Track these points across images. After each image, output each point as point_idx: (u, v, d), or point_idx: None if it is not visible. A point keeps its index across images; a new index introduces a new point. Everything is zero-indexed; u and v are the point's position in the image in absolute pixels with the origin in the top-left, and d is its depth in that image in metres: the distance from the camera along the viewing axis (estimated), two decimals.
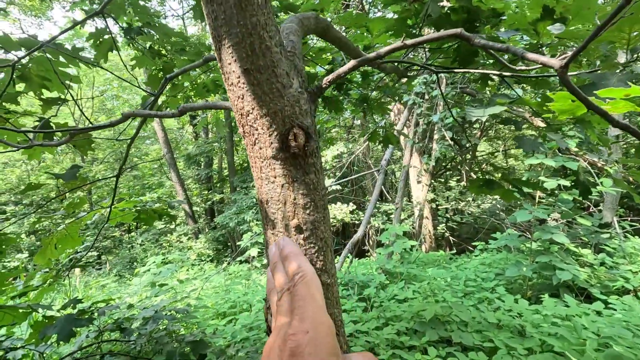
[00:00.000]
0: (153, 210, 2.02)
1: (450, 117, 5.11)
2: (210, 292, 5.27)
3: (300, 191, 0.52)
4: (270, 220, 0.53)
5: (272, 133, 0.52)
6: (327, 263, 0.53)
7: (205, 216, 15.57)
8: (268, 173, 0.52)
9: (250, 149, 0.54)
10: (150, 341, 2.17)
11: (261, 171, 0.53)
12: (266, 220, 0.54)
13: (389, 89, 2.02)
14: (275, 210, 0.52)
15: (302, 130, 0.52)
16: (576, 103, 0.63)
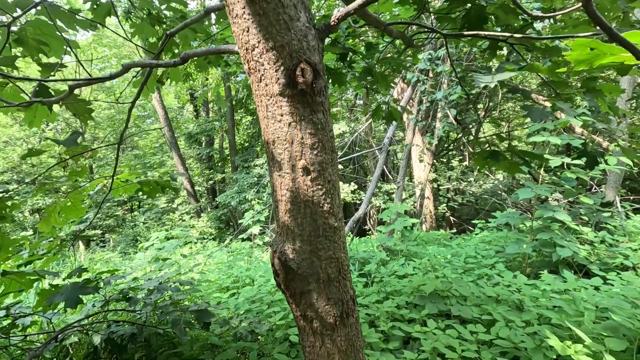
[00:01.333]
0: (156, 182, 2.01)
1: (454, 95, 5.02)
2: (213, 267, 5.35)
3: (308, 130, 0.51)
4: (276, 162, 0.52)
5: (278, 68, 0.50)
6: (335, 206, 0.52)
7: (207, 195, 15.64)
8: (274, 111, 0.50)
9: (256, 86, 0.53)
10: (155, 310, 2.21)
11: (267, 110, 0.51)
12: (272, 162, 0.53)
13: (394, 60, 1.96)
14: (282, 150, 0.51)
15: (310, 66, 0.50)
16: (595, 52, 0.60)
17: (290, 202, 0.57)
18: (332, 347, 0.54)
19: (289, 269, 0.55)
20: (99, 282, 2.08)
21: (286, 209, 0.57)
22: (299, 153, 0.52)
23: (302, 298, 0.55)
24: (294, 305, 0.56)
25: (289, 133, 0.51)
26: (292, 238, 0.57)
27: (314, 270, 0.56)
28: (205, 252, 6.02)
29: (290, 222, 0.57)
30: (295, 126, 0.51)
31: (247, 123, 14.89)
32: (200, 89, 15.87)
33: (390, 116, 2.90)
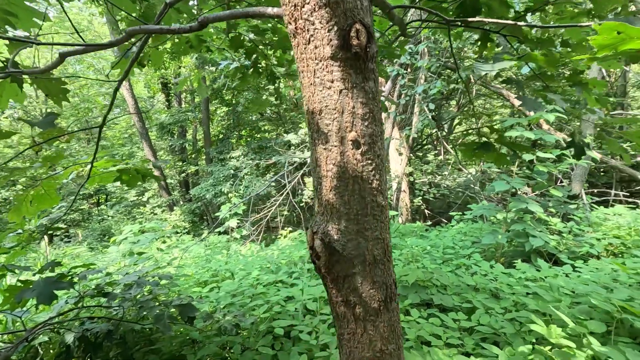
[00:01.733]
0: (136, 169, 1.90)
1: (434, 89, 5.10)
2: (189, 262, 5.20)
3: (360, 99, 0.47)
4: (322, 134, 0.48)
5: (331, 28, 0.45)
6: (382, 183, 0.50)
7: (180, 188, 15.18)
8: (323, 77, 0.46)
9: (302, 49, 0.48)
10: (135, 306, 2.11)
11: (314, 75, 0.47)
12: (317, 134, 0.49)
13: (386, 49, 1.95)
14: (330, 121, 0.47)
15: (365, 28, 0.46)
16: (621, 36, 0.60)
17: (337, 178, 0.52)
18: (374, 333, 0.51)
19: (333, 251, 0.51)
20: (74, 276, 1.96)
21: (332, 185, 0.52)
22: (349, 124, 0.48)
23: (346, 282, 0.51)
24: (335, 290, 0.52)
25: (340, 101, 0.47)
26: (337, 217, 0.52)
27: (359, 251, 0.53)
28: (182, 246, 5.85)
29: (335, 200, 0.52)
30: (347, 94, 0.47)
31: (222, 114, 14.53)
32: (172, 79, 15.29)
33: None
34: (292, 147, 11.06)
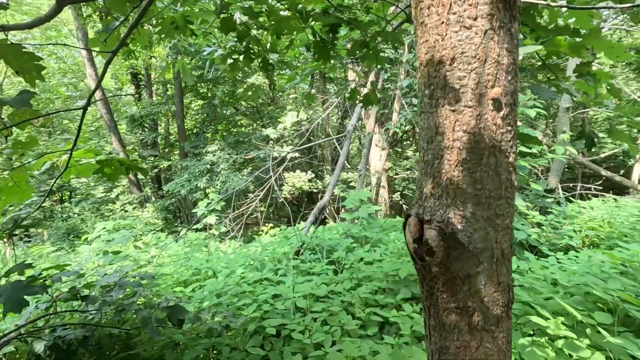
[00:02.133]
0: (120, 161, 1.73)
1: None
2: (167, 260, 4.95)
3: (505, 44, 0.37)
4: (451, 91, 0.38)
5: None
6: (516, 155, 0.41)
7: (152, 184, 14.58)
8: (463, 13, 0.36)
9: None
10: (117, 309, 1.93)
11: (450, 10, 0.37)
12: (443, 92, 0.38)
13: (391, 34, 1.87)
14: (466, 73, 0.37)
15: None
16: None
17: (467, 149, 0.42)
18: (492, 346, 0.42)
19: (456, 244, 0.42)
20: (46, 279, 1.76)
21: (458, 159, 0.42)
22: (491, 77, 0.38)
23: (465, 284, 0.42)
24: (448, 294, 0.42)
25: (482, 47, 0.37)
26: (463, 201, 0.41)
27: (487, 244, 0.42)
28: (158, 244, 5.56)
29: (462, 178, 0.42)
30: (492, 37, 0.37)
31: (196, 107, 14.06)
32: (142, 69, 14.60)
33: (368, 100, 2.82)
34: (271, 142, 10.85)
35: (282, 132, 10.55)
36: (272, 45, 2.29)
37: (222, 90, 10.86)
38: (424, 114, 0.43)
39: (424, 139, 0.43)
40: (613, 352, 1.52)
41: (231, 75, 11.17)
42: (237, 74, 11.43)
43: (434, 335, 0.44)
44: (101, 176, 1.78)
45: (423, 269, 0.43)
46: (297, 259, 4.29)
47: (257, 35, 2.24)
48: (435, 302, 0.42)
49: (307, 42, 2.20)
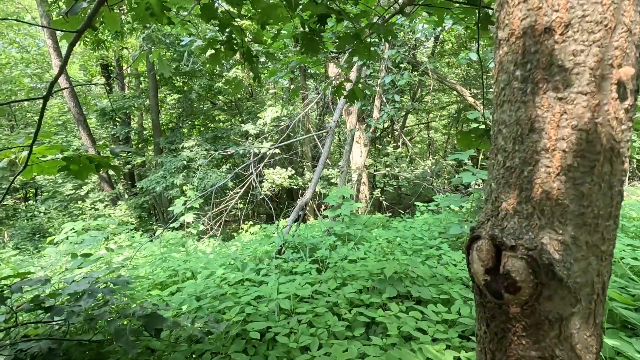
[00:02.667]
0: (89, 158, 1.57)
1: (402, 80, 5.09)
2: (142, 261, 4.72)
3: (638, 7, 0.28)
4: (560, 70, 0.28)
5: None
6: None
7: (125, 181, 14.00)
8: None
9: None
10: (86, 320, 1.77)
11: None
12: (547, 72, 0.29)
13: (382, 27, 1.79)
14: (586, 45, 0.27)
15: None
16: None
17: (575, 153, 0.31)
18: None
19: (550, 279, 0.32)
20: (4, 290, 1.59)
21: (562, 166, 0.32)
22: (620, 52, 0.29)
23: (555, 328, 0.31)
24: (529, 340, 0.32)
25: (614, 7, 0.28)
26: (563, 222, 0.32)
27: (588, 278, 0.34)
28: (133, 244, 5.30)
29: (563, 192, 0.32)
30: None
31: (172, 102, 13.59)
32: (113, 61, 13.96)
33: (353, 95, 2.75)
34: (251, 138, 10.63)
35: (262, 127, 10.35)
36: (257, 36, 2.17)
37: (199, 84, 10.51)
38: (510, 104, 0.33)
39: (509, 137, 0.34)
40: (603, 351, 1.52)
41: (209, 69, 10.83)
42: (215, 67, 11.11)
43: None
44: (67, 174, 1.62)
45: (498, 308, 0.34)
46: (279, 258, 4.18)
47: (241, 24, 2.11)
48: (507, 347, 0.34)
49: (294, 33, 2.10)
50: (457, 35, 9.99)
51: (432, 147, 16.62)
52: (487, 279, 0.33)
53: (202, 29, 3.22)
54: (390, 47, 6.85)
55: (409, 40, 6.99)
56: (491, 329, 0.35)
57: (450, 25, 5.54)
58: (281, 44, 2.99)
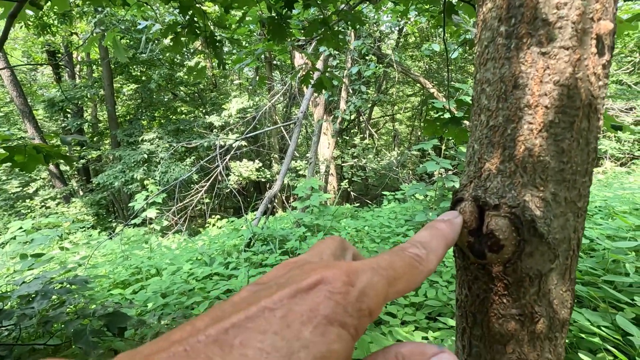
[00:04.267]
0: (36, 147, 1.45)
1: (368, 71, 5.14)
2: (101, 260, 4.46)
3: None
4: (544, 24, 0.28)
5: None
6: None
7: (79, 176, 13.14)
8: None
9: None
10: (41, 323, 1.65)
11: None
12: (531, 27, 0.28)
13: (350, 14, 1.78)
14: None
15: None
16: None
17: (557, 109, 0.31)
18: (552, 356, 0.34)
19: (532, 235, 0.32)
20: None
21: (544, 122, 0.32)
22: (600, 6, 0.29)
23: (534, 285, 0.33)
24: (511, 298, 0.33)
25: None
26: (544, 179, 0.33)
27: (566, 234, 0.34)
28: (90, 242, 5.00)
29: (545, 149, 0.32)
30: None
31: (129, 92, 12.86)
32: (61, 47, 12.95)
33: (321, 84, 2.73)
34: (215, 130, 10.32)
35: (227, 119, 10.08)
36: (220, 20, 2.08)
37: (158, 74, 10.01)
38: (494, 61, 0.33)
39: (492, 96, 0.33)
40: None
41: (169, 57, 10.34)
42: (176, 56, 10.60)
43: (477, 346, 0.36)
44: (12, 167, 1.48)
45: (481, 268, 0.35)
46: (248, 251, 4.12)
47: (203, 7, 2.02)
48: (488, 307, 0.34)
49: (259, 18, 2.04)
50: (420, 29, 10.22)
51: (397, 139, 17.02)
52: (471, 240, 0.33)
53: (161, 13, 3.05)
54: (356, 38, 6.88)
55: (374, 32, 7.06)
56: (473, 291, 0.35)
57: (414, 17, 5.65)
58: (246, 29, 2.91)
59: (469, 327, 0.35)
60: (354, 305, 0.19)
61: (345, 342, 0.18)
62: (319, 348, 0.17)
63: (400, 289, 0.23)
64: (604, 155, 12.78)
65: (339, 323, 0.18)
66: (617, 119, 9.65)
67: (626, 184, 5.71)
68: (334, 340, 0.18)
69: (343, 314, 0.18)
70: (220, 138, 6.93)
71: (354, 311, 0.19)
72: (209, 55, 3.62)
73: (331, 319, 0.18)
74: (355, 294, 0.19)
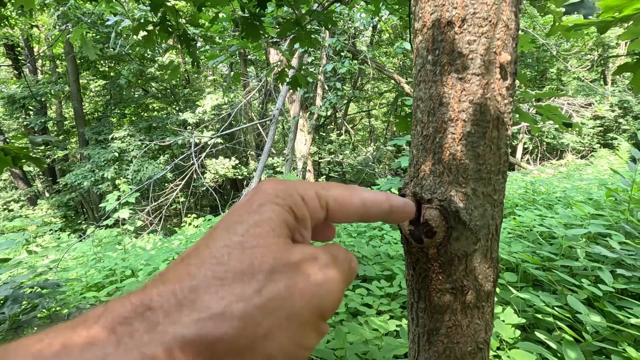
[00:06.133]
0: (3, 149, 1.41)
1: (343, 68, 5.20)
2: (72, 264, 4.32)
3: (514, 8, 0.35)
4: (458, 56, 0.34)
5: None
6: (511, 128, 0.39)
7: (44, 177, 12.54)
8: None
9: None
10: (12, 328, 1.61)
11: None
12: (449, 57, 0.34)
13: (322, 14, 1.82)
14: (476, 36, 0.34)
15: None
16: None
17: (472, 122, 0.39)
18: (480, 321, 0.41)
19: (457, 223, 0.40)
20: None
21: (463, 133, 0.40)
22: (501, 42, 0.35)
23: (462, 263, 0.39)
24: (444, 275, 0.39)
25: (495, 7, 0.34)
26: (465, 177, 0.40)
27: (485, 221, 0.42)
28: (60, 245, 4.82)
29: (464, 154, 0.40)
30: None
31: (97, 88, 12.35)
32: (21, 40, 12.24)
33: (296, 82, 2.77)
34: (190, 127, 10.11)
35: (202, 116, 9.90)
36: (193, 18, 2.07)
37: (128, 69, 9.68)
38: (425, 83, 0.40)
39: (424, 111, 0.41)
40: (517, 304, 1.78)
41: (138, 52, 10.01)
42: (147, 51, 10.27)
43: (422, 318, 0.43)
44: None
45: (420, 251, 0.41)
46: None
47: (174, 4, 2.00)
48: (428, 284, 0.41)
49: (233, 17, 2.05)
50: (393, 26, 10.39)
51: (373, 134, 17.26)
52: (412, 228, 0.40)
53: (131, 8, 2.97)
54: (330, 35, 6.93)
55: (349, 29, 7.13)
56: (416, 271, 0.43)
57: (387, 16, 5.76)
58: (220, 27, 2.89)
59: (415, 302, 0.43)
60: (285, 192, 0.25)
61: (277, 212, 0.23)
62: (254, 218, 0.23)
63: (334, 193, 0.27)
64: (566, 149, 13.51)
65: (272, 202, 0.24)
66: (577, 114, 10.11)
67: (585, 175, 6.09)
68: (266, 211, 0.23)
69: (274, 197, 0.24)
70: (195, 136, 6.81)
71: (285, 195, 0.24)
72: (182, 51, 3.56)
73: (263, 201, 0.24)
74: (283, 186, 0.25)
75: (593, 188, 3.80)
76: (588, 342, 1.26)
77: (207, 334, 0.19)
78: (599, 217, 2.51)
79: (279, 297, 0.21)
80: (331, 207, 0.27)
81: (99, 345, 0.17)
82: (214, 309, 0.19)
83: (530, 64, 13.56)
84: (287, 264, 0.22)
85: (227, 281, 0.20)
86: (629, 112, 13.21)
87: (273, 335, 0.20)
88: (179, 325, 0.19)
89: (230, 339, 0.19)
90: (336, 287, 0.24)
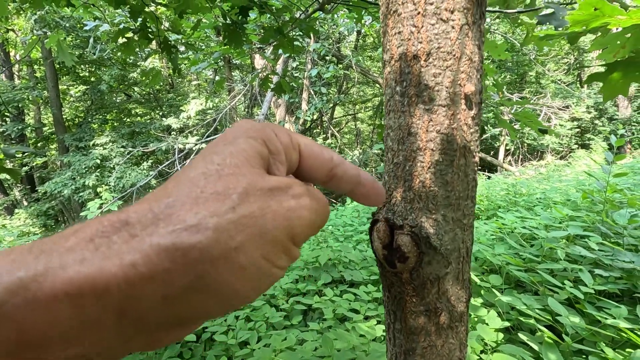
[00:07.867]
0: None
1: (328, 73, 5.23)
2: None
3: (476, 41, 0.35)
4: (425, 89, 0.34)
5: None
6: (478, 155, 0.40)
7: (22, 185, 12.14)
8: (441, 4, 0.33)
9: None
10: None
11: (427, 0, 0.33)
12: (416, 90, 0.35)
13: (304, 22, 1.83)
14: (442, 70, 0.35)
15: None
16: (597, 12, 0.65)
17: (440, 151, 0.40)
18: (455, 341, 0.42)
19: (428, 248, 0.40)
20: None
21: (431, 161, 0.40)
22: (465, 75, 0.36)
23: (434, 286, 0.39)
24: (417, 298, 0.40)
25: (459, 42, 0.34)
26: (435, 204, 0.41)
27: (455, 245, 0.42)
28: None
29: (434, 182, 0.41)
30: (467, 32, 0.35)
31: (77, 94, 12.07)
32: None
33: (280, 88, 2.77)
34: (174, 133, 9.97)
35: (186, 121, 9.78)
36: (174, 25, 2.05)
37: (109, 74, 9.50)
38: (394, 113, 0.41)
39: (394, 139, 0.41)
40: (501, 307, 1.81)
41: (120, 57, 9.84)
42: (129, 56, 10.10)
43: (399, 338, 0.44)
44: None
45: (394, 275, 0.42)
46: None
47: (155, 11, 1.98)
48: (403, 306, 0.42)
49: (215, 24, 2.04)
50: (377, 31, 10.52)
51: (359, 138, 17.37)
52: (385, 253, 0.41)
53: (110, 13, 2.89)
54: (315, 40, 6.96)
55: (333, 34, 7.18)
56: (392, 293, 0.43)
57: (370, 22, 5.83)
58: (202, 34, 2.88)
59: (392, 323, 0.43)
60: (258, 127, 0.26)
61: (251, 144, 0.25)
62: (230, 149, 0.24)
63: (305, 140, 0.29)
64: (546, 150, 13.90)
65: (245, 136, 0.25)
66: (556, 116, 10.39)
67: (563, 177, 6.27)
68: (240, 143, 0.24)
69: (248, 131, 0.25)
70: (179, 141, 6.72)
71: (259, 129, 0.26)
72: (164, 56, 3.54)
73: (238, 135, 0.25)
74: (258, 124, 0.27)
75: (571, 190, 3.91)
76: (567, 343, 1.29)
77: (181, 242, 0.20)
78: (577, 219, 2.58)
79: (252, 215, 0.22)
80: (302, 150, 0.28)
81: (77, 251, 0.19)
82: (189, 221, 0.21)
83: (510, 67, 13.92)
84: (261, 188, 0.24)
85: (202, 200, 0.22)
86: (604, 113, 13.71)
87: (245, 248, 0.22)
88: (156, 235, 0.20)
89: (203, 247, 0.20)
90: (308, 214, 0.25)
